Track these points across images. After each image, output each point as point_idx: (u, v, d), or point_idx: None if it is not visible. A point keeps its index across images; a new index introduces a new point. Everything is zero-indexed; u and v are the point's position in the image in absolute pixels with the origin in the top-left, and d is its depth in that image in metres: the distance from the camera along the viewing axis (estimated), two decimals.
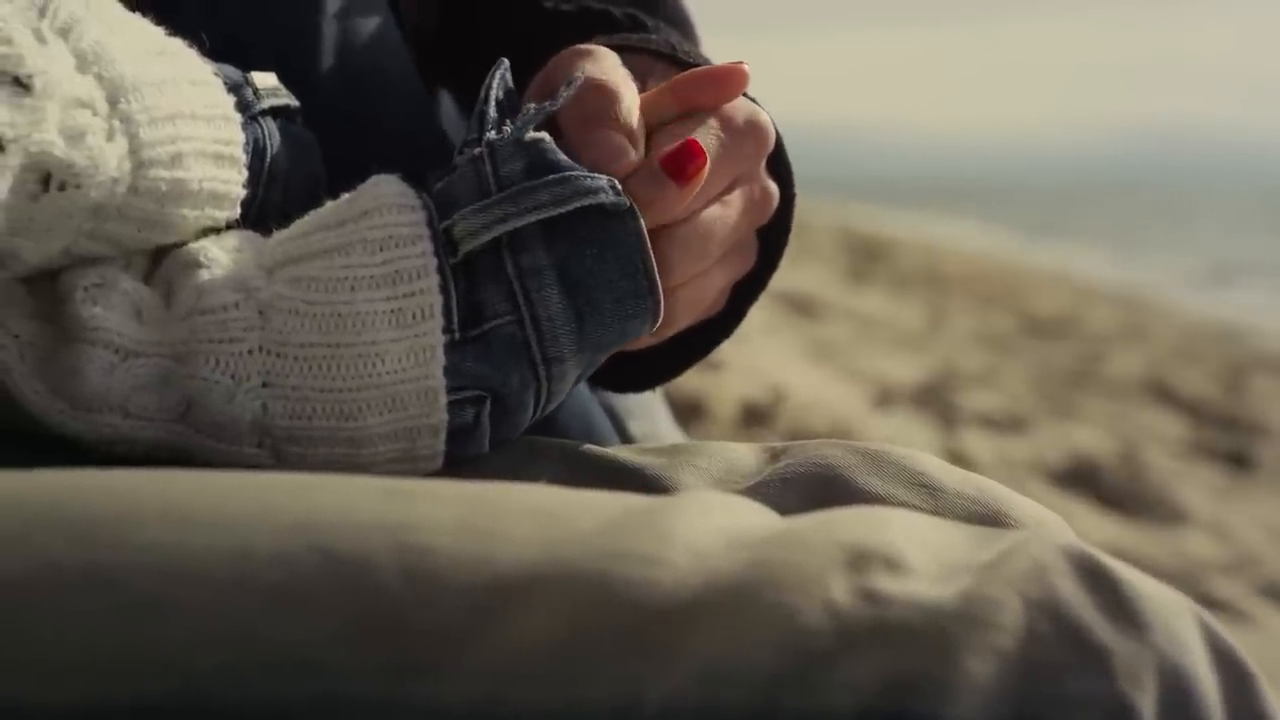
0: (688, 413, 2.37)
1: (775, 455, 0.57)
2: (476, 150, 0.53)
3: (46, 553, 0.38)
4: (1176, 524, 2.59)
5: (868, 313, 5.64)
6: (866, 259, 8.90)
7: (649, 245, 0.53)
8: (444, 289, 0.51)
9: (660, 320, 0.54)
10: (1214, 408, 4.14)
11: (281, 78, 0.59)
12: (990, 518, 0.53)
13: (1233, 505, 2.87)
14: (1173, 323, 7.25)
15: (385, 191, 0.53)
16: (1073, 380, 4.52)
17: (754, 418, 2.56)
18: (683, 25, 0.75)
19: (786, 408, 2.61)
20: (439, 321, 0.51)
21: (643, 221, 0.53)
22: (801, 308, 5.06)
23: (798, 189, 0.64)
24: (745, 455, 0.57)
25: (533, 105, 0.55)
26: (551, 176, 0.52)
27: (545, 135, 0.54)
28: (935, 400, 3.43)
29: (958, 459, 2.76)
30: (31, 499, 0.40)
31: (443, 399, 0.51)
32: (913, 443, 2.79)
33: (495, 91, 0.56)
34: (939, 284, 7.93)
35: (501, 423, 0.54)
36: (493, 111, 0.55)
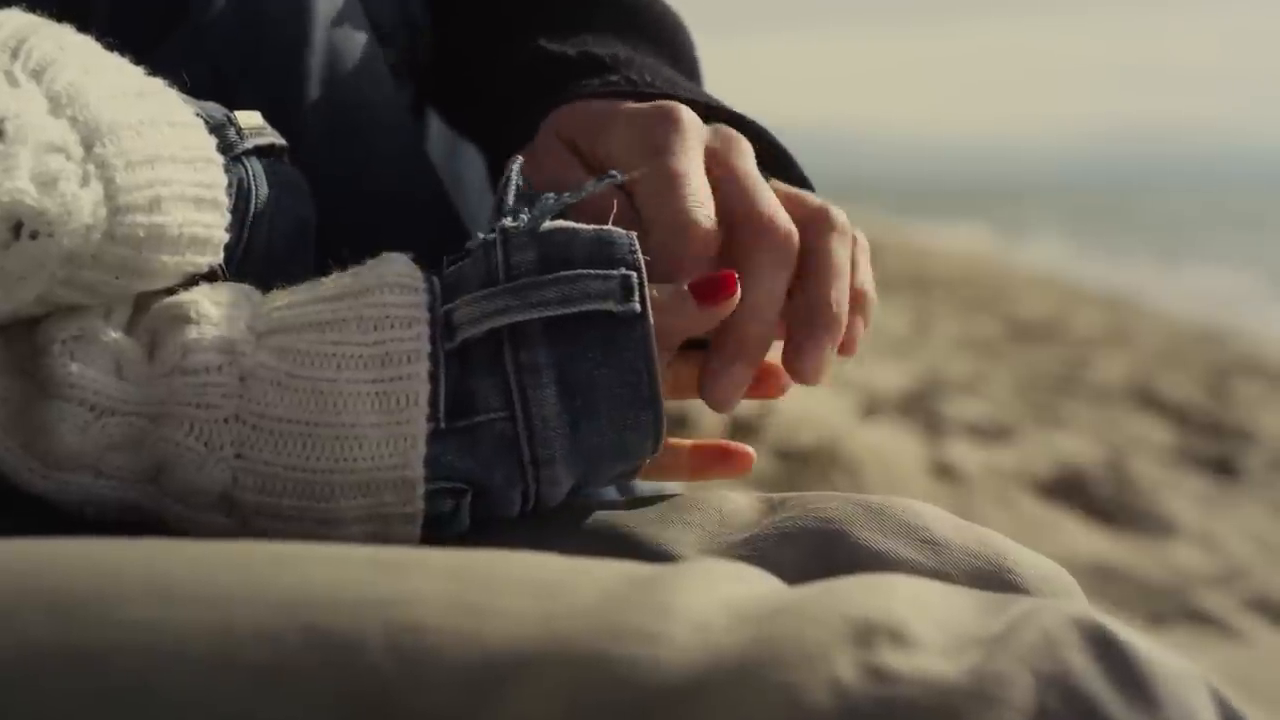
0: (674, 426, 2.35)
1: (773, 506, 0.55)
2: (491, 235, 0.51)
3: (24, 631, 0.36)
4: (1164, 535, 2.59)
5: None
6: None
7: (655, 355, 0.51)
8: (433, 376, 0.49)
9: (664, 435, 0.52)
10: (1199, 413, 4.15)
11: (268, 112, 0.58)
12: (994, 573, 0.52)
13: (1220, 515, 2.87)
14: (1157, 325, 7.27)
15: (389, 270, 0.51)
16: (1059, 386, 4.53)
17: (740, 431, 2.55)
18: (688, 67, 0.74)
19: (773, 420, 2.60)
20: (424, 410, 0.49)
21: (652, 329, 0.51)
22: None
23: None
24: (741, 506, 0.56)
25: (551, 196, 0.52)
26: (563, 273, 0.50)
27: (565, 224, 0.52)
28: (921, 409, 3.43)
29: (945, 470, 2.76)
30: (8, 572, 0.38)
31: (420, 489, 0.49)
32: (900, 454, 2.78)
33: (515, 179, 0.54)
34: (924, 287, 7.94)
35: (484, 512, 0.52)
36: (510, 200, 0.53)
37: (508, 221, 0.52)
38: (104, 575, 0.38)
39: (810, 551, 0.52)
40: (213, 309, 0.50)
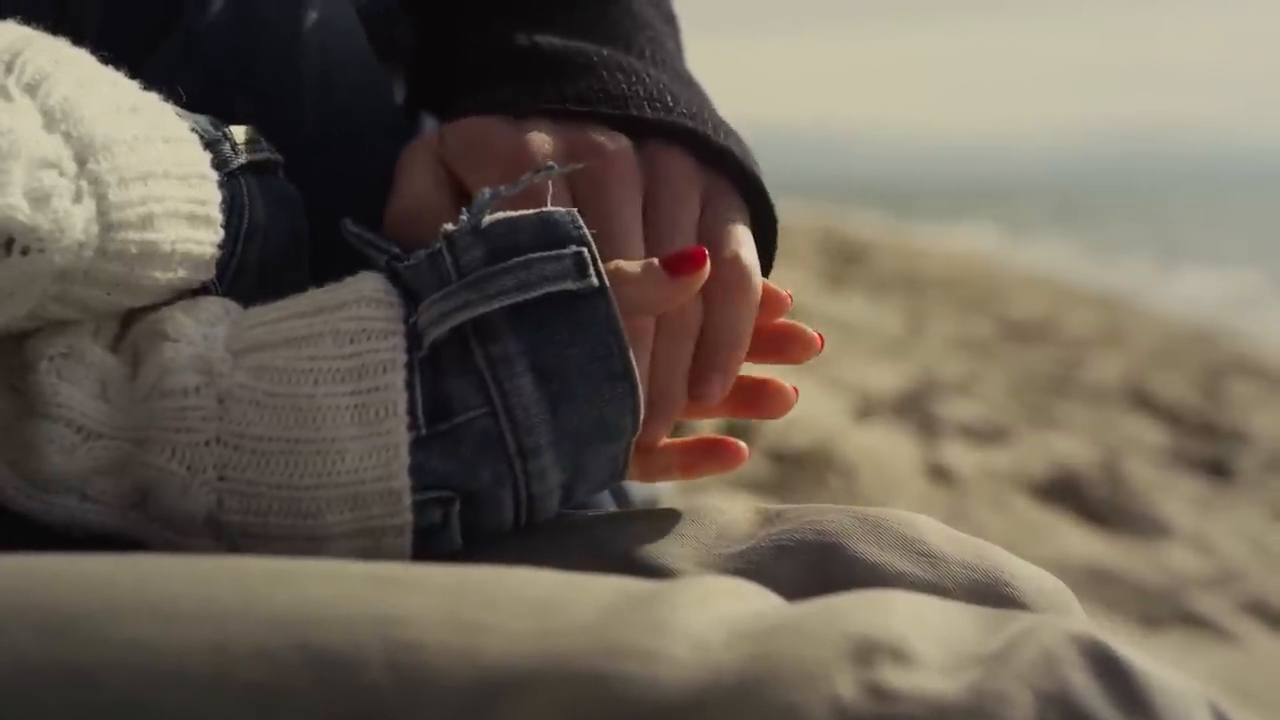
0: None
1: (769, 519, 0.55)
2: (435, 245, 0.51)
3: (16, 648, 0.36)
4: (1159, 537, 2.59)
5: (847, 318, 5.64)
6: (845, 262, 8.91)
7: (622, 327, 0.51)
8: (410, 384, 0.49)
9: (644, 407, 0.52)
10: (1193, 414, 4.16)
11: (263, 115, 0.58)
12: (991, 586, 0.52)
13: (1214, 516, 2.87)
14: (1150, 325, 7.29)
15: (365, 285, 0.51)
16: (1052, 386, 4.53)
17: (734, 433, 2.55)
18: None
19: (767, 422, 2.60)
20: (403, 419, 0.49)
21: (614, 301, 0.51)
22: None
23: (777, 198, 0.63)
24: (737, 518, 0.55)
25: (487, 191, 0.53)
26: (514, 260, 0.50)
27: (504, 214, 0.52)
28: (916, 410, 3.43)
29: (941, 472, 2.76)
30: None
31: (407, 500, 0.49)
32: (895, 456, 2.78)
33: None
34: (917, 287, 7.95)
35: (475, 523, 0.51)
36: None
37: (448, 226, 0.52)
38: (95, 591, 0.38)
39: (806, 564, 0.52)
40: (191, 325, 0.50)
